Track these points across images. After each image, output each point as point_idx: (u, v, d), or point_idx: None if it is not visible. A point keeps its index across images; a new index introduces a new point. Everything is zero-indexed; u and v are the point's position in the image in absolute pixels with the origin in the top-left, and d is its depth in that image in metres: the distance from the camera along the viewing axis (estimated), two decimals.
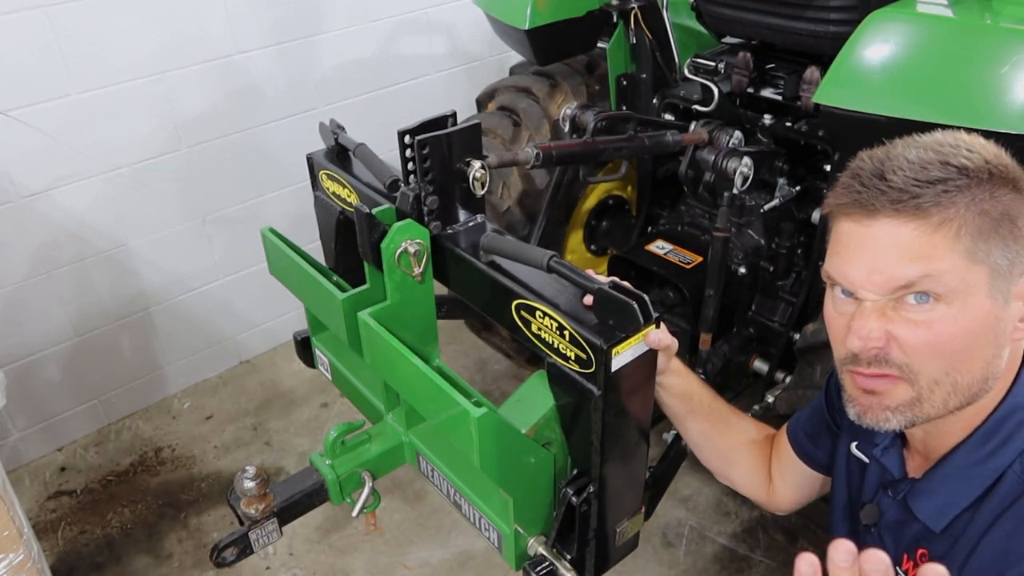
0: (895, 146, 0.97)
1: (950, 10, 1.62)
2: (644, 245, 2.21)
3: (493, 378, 3.03)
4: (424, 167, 1.30)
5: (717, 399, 1.42)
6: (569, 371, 1.19)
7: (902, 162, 0.93)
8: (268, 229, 1.68)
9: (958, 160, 0.91)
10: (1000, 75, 1.46)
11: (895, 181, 0.91)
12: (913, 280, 0.91)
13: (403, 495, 2.55)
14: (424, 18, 3.10)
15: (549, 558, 1.30)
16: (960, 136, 0.95)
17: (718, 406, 1.41)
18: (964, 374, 0.94)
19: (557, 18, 2.15)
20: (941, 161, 0.92)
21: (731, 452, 1.44)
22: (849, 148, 1.81)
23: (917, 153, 0.93)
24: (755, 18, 2.01)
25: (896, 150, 0.95)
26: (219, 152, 2.75)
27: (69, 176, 2.47)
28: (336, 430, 1.49)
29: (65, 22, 2.30)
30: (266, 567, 2.35)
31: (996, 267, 0.91)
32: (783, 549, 2.31)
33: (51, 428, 2.76)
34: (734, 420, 1.44)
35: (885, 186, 0.92)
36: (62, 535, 2.48)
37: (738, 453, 1.43)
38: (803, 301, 2.09)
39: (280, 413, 2.92)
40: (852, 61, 1.60)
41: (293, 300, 1.73)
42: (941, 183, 0.90)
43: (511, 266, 1.30)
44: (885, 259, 0.92)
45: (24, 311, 2.55)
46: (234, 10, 2.59)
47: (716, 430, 1.41)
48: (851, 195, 0.95)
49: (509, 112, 2.38)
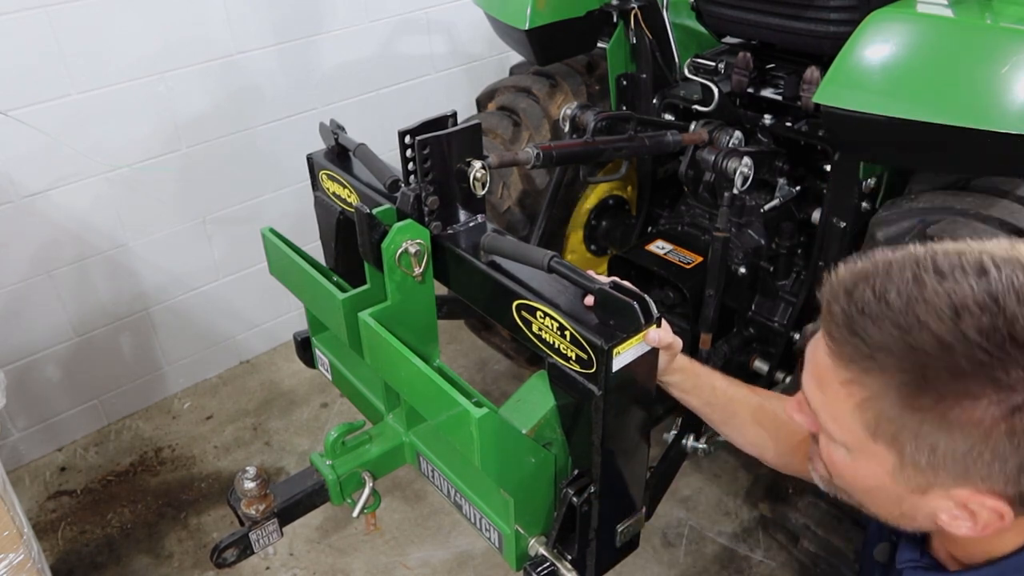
0: (899, 264, 0.79)
1: (950, 10, 1.62)
2: (644, 245, 2.21)
3: (493, 378, 3.03)
4: (424, 167, 1.30)
5: (735, 386, 1.35)
6: (570, 371, 1.19)
7: (866, 294, 0.79)
8: (268, 229, 1.68)
9: (912, 336, 0.75)
10: (1000, 75, 1.46)
11: (836, 310, 0.81)
12: (817, 414, 0.87)
13: (403, 495, 2.55)
14: (424, 18, 3.10)
15: (550, 558, 1.30)
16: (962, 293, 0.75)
17: (736, 393, 1.34)
18: (878, 509, 0.89)
19: (557, 18, 2.15)
20: (894, 322, 0.76)
21: (759, 439, 1.36)
22: (849, 148, 1.83)
23: (897, 291, 0.77)
24: (755, 18, 2.01)
25: (892, 270, 0.79)
26: (219, 152, 2.75)
27: (69, 176, 2.47)
28: (336, 430, 1.49)
29: (65, 22, 2.30)
30: (266, 567, 2.35)
31: (909, 459, 0.80)
32: (783, 549, 2.31)
33: (51, 428, 2.76)
34: (756, 403, 1.34)
35: (834, 307, 0.81)
36: (62, 535, 2.48)
37: (767, 438, 1.35)
38: (803, 301, 2.09)
39: (280, 413, 2.92)
40: (852, 61, 1.59)
41: (293, 300, 1.73)
42: (867, 345, 0.78)
43: (512, 266, 1.30)
44: (807, 375, 0.88)
45: (24, 311, 2.55)
46: (234, 10, 2.59)
47: (738, 419, 1.34)
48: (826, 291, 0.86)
49: (509, 112, 2.38)
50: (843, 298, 0.80)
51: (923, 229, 1.66)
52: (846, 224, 1.92)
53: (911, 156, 1.72)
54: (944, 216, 1.65)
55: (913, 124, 1.51)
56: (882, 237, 1.72)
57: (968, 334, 0.73)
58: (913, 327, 0.75)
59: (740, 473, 2.56)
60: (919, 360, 0.75)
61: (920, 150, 1.65)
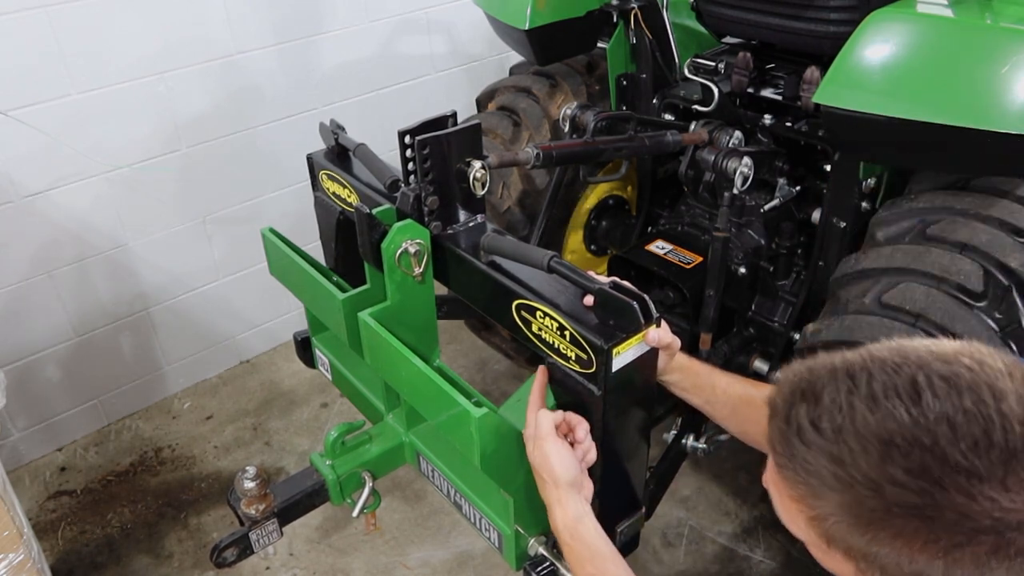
0: (834, 382, 0.76)
1: (950, 10, 1.62)
2: (644, 245, 2.21)
3: (493, 378, 3.03)
4: (424, 167, 1.30)
5: (736, 382, 1.35)
6: (570, 371, 1.19)
7: (801, 418, 0.76)
8: (268, 229, 1.68)
9: (845, 470, 0.73)
10: (1000, 75, 1.46)
11: (775, 430, 0.79)
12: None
13: (403, 495, 2.55)
14: (424, 18, 3.10)
15: (550, 558, 1.31)
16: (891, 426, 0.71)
17: (737, 389, 1.34)
18: None
19: (557, 18, 2.15)
20: (826, 453, 0.74)
21: (762, 434, 1.37)
22: (849, 148, 1.83)
23: (829, 418, 0.74)
24: (755, 18, 2.01)
25: (827, 391, 0.76)
26: (219, 152, 2.75)
27: (69, 176, 2.47)
28: (336, 430, 1.49)
29: (65, 22, 2.30)
30: (266, 567, 2.35)
31: (865, 570, 0.78)
32: (783, 549, 2.31)
33: (51, 428, 2.76)
34: (758, 397, 1.32)
35: (775, 424, 0.80)
36: (62, 535, 2.48)
37: None
38: (803, 301, 2.09)
39: (280, 413, 2.92)
40: (852, 61, 1.59)
41: (293, 300, 1.73)
42: (805, 472, 0.76)
43: (511, 266, 1.30)
44: (767, 471, 0.88)
45: (24, 311, 2.55)
46: (234, 10, 2.59)
47: (740, 415, 1.34)
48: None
49: (509, 112, 2.38)
50: (781, 419, 0.79)
51: (923, 229, 1.66)
52: (846, 224, 1.92)
53: (911, 156, 1.72)
54: (944, 216, 1.65)
55: (913, 124, 1.51)
56: (882, 237, 1.72)
57: (896, 476, 0.70)
58: (845, 460, 0.73)
59: (740, 473, 2.56)
60: (855, 495, 0.73)
61: (920, 150, 1.65)
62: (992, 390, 0.70)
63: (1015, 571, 0.70)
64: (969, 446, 0.69)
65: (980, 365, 0.72)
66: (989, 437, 0.69)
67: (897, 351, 0.76)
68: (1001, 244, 1.55)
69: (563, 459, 1.15)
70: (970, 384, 0.71)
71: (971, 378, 0.71)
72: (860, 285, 1.65)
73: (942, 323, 1.48)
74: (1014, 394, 0.71)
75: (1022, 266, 1.52)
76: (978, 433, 0.69)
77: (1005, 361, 0.74)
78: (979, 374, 0.72)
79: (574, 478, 1.16)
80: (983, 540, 0.70)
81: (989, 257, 1.54)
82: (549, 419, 1.17)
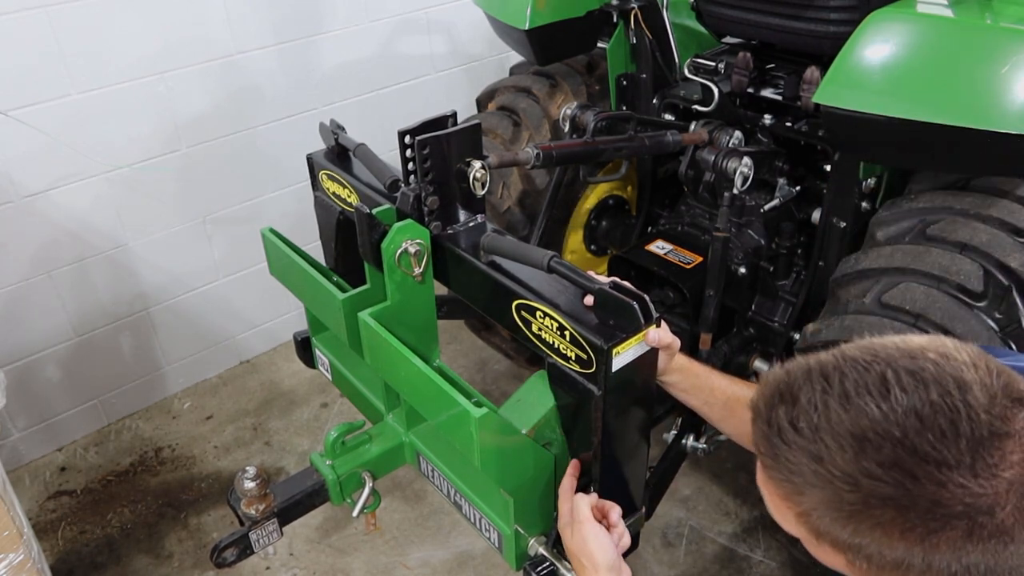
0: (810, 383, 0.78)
1: (950, 10, 1.62)
2: (644, 245, 2.21)
3: (493, 378, 3.03)
4: (424, 167, 1.30)
5: (734, 384, 1.36)
6: (570, 371, 1.19)
7: (781, 419, 0.79)
8: (268, 229, 1.68)
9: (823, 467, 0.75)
10: (1000, 75, 1.46)
11: (758, 432, 0.81)
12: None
13: (403, 495, 2.55)
14: (424, 18, 3.09)
15: (550, 558, 1.31)
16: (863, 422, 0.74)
17: (735, 391, 1.34)
18: None
19: (557, 18, 2.15)
20: (806, 451, 0.77)
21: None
22: (849, 148, 1.83)
23: (806, 417, 0.77)
24: (755, 18, 2.01)
25: (803, 391, 0.78)
26: (219, 152, 2.75)
27: (69, 176, 2.47)
28: (336, 430, 1.49)
29: (65, 22, 2.30)
30: (266, 567, 2.35)
31: (854, 561, 0.80)
32: (783, 549, 2.31)
33: (51, 428, 2.76)
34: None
35: (758, 426, 0.82)
36: (62, 535, 2.48)
37: None
38: (803, 301, 2.09)
39: (280, 413, 2.92)
40: (852, 61, 1.59)
41: (293, 300, 1.73)
42: (788, 471, 0.78)
43: (511, 266, 1.30)
44: (758, 472, 0.88)
45: (24, 311, 2.55)
46: (234, 10, 2.59)
47: (738, 417, 1.34)
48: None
49: (509, 112, 2.38)
50: (763, 421, 0.81)
51: (923, 229, 1.66)
52: (846, 224, 1.92)
53: (911, 156, 1.72)
54: (944, 216, 1.65)
55: (913, 124, 1.51)
56: (882, 237, 1.72)
57: (870, 469, 0.73)
58: (823, 457, 0.75)
59: (740, 473, 2.56)
60: (835, 490, 0.76)
61: (920, 150, 1.65)
62: (957, 382, 0.73)
63: (990, 553, 0.72)
64: (937, 436, 0.71)
65: (945, 358, 0.75)
66: (956, 427, 0.71)
67: (867, 349, 0.79)
68: (1001, 244, 1.55)
69: (602, 544, 1.16)
70: (936, 377, 0.73)
71: (936, 371, 0.74)
72: (860, 285, 1.65)
73: (942, 323, 1.48)
74: (978, 384, 0.73)
75: (1022, 266, 1.52)
76: (945, 424, 0.71)
77: (970, 353, 0.76)
78: (944, 367, 0.74)
79: (613, 562, 1.17)
80: (956, 525, 0.72)
81: (989, 257, 1.54)
82: (587, 503, 1.19)
